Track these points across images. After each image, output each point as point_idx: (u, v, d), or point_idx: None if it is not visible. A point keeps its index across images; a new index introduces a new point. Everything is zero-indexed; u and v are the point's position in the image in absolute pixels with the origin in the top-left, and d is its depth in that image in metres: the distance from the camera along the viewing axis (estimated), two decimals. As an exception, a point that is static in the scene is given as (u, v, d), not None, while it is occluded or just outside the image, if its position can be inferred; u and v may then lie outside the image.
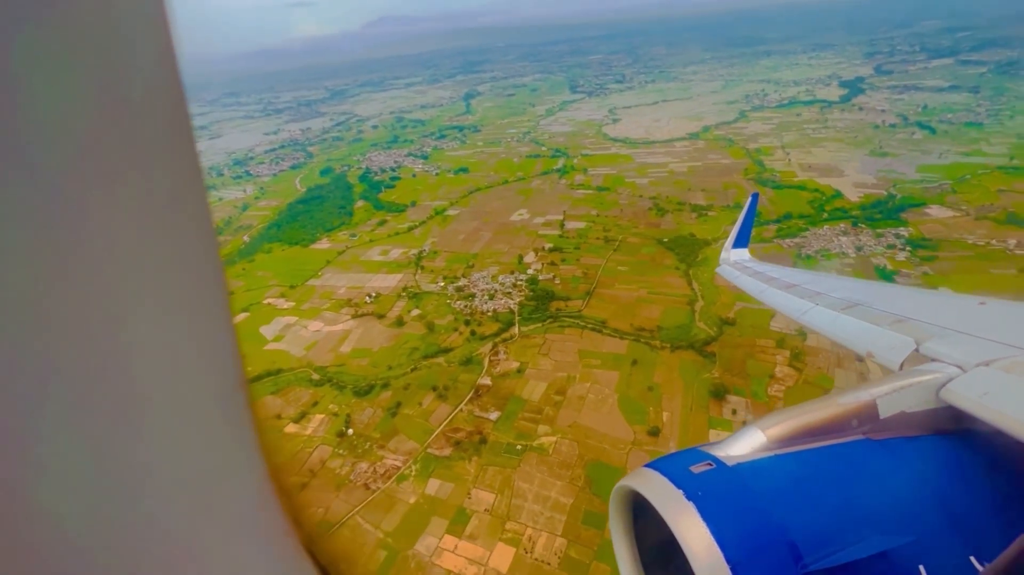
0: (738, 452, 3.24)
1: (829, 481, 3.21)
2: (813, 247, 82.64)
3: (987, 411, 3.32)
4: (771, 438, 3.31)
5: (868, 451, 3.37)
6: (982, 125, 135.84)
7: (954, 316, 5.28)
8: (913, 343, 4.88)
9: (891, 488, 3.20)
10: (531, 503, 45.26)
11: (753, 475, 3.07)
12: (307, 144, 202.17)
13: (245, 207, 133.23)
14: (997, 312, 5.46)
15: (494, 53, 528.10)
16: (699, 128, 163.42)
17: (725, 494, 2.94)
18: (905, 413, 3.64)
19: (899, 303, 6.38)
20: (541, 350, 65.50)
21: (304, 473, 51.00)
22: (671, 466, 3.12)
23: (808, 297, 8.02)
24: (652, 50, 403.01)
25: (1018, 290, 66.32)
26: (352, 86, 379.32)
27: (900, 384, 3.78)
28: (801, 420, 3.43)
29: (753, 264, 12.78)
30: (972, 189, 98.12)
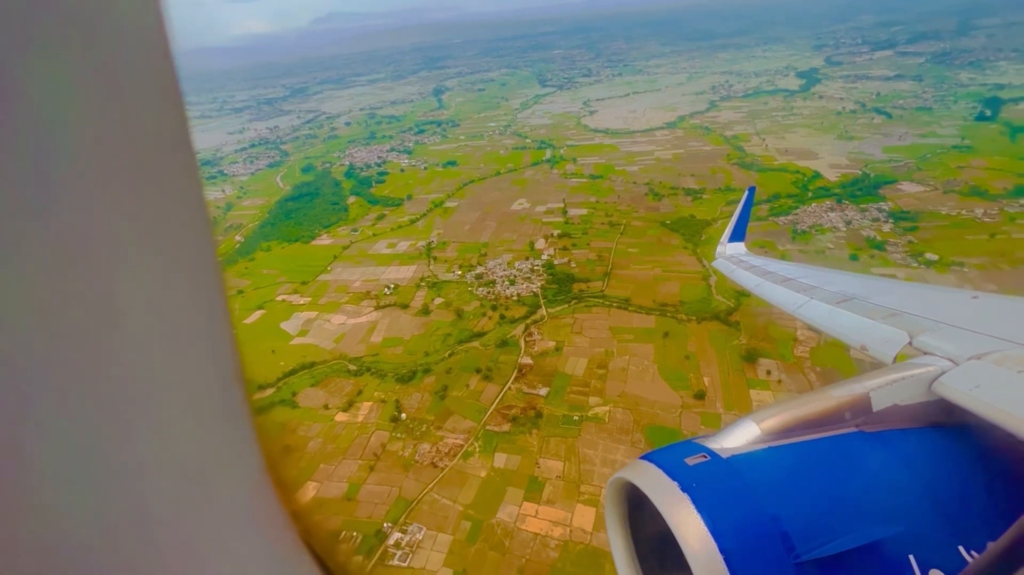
0: (732, 444, 3.29)
1: (822, 473, 3.29)
2: (806, 223, 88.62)
3: (978, 404, 3.38)
4: (765, 431, 3.36)
5: (861, 443, 3.42)
6: (931, 110, 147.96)
7: (947, 310, 5.32)
8: (906, 337, 4.96)
9: (883, 480, 3.28)
10: (600, 467, 47.57)
11: (747, 467, 3.12)
12: (279, 142, 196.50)
13: (229, 207, 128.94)
14: (989, 306, 5.51)
15: (452, 49, 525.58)
16: (675, 118, 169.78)
17: (719, 486, 2.98)
18: (898, 406, 3.69)
19: (893, 297, 6.45)
20: (573, 329, 67.84)
21: (368, 457, 51.37)
22: (666, 458, 3.16)
23: (803, 291, 8.14)
24: (612, 45, 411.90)
25: (991, 254, 73.89)
26: (311, 83, 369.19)
27: (893, 377, 3.84)
28: (795, 413, 3.49)
29: (749, 258, 12.84)
30: (934, 167, 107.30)
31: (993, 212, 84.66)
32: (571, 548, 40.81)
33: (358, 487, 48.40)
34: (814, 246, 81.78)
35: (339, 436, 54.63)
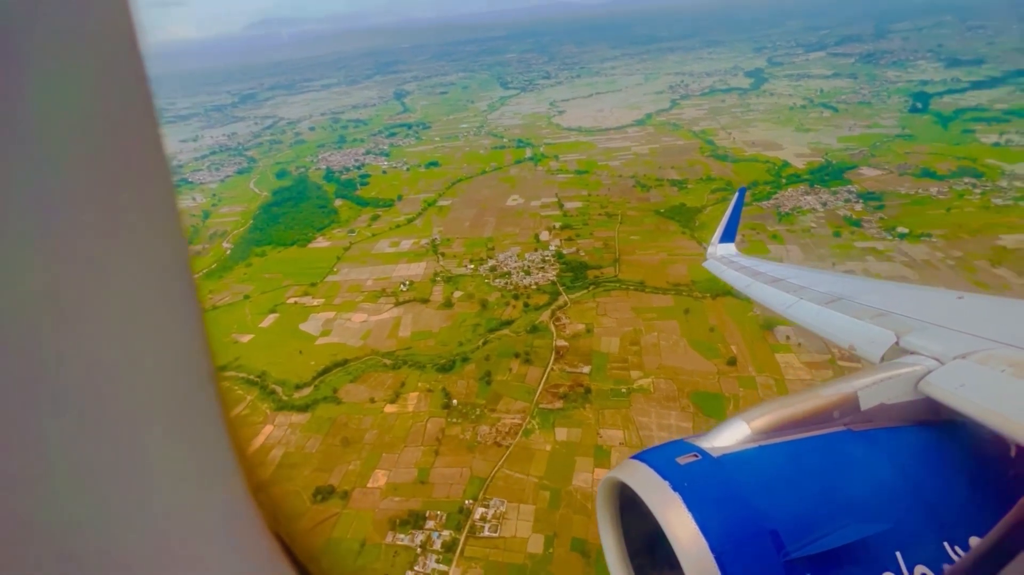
0: (723, 444, 3.33)
1: (811, 471, 3.33)
2: (787, 206, 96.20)
3: (963, 402, 3.45)
4: (755, 430, 3.40)
5: (849, 442, 3.49)
6: (871, 104, 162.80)
7: (933, 310, 5.41)
8: (893, 336, 5.03)
9: (870, 478, 3.34)
10: (657, 431, 50.73)
11: (737, 466, 3.18)
12: (242, 149, 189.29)
13: (206, 214, 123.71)
14: (974, 306, 5.61)
15: (402, 54, 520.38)
16: (642, 115, 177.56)
17: (710, 485, 3.02)
18: (885, 405, 3.74)
19: (880, 297, 6.54)
20: (598, 311, 70.98)
21: (429, 442, 52.18)
22: (657, 458, 3.20)
23: (792, 291, 8.27)
24: (563, 48, 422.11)
25: (950, 226, 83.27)
26: (260, 90, 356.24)
27: (880, 377, 3.90)
28: (784, 412, 3.54)
29: (739, 259, 13.00)
30: (885, 153, 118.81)
31: (944, 190, 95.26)
32: (650, 504, 43.60)
33: (428, 471, 49.19)
34: (799, 225, 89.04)
35: (394, 426, 55.00)
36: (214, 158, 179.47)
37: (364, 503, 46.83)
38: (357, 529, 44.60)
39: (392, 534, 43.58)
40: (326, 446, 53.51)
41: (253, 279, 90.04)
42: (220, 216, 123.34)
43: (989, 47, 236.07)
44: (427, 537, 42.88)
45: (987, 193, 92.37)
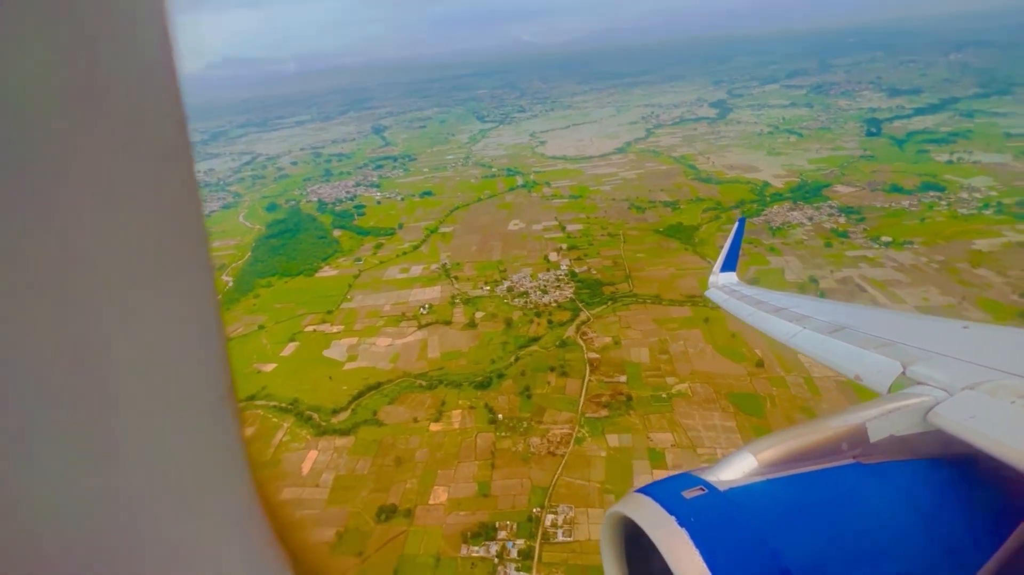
0: (730, 477, 3.26)
1: (821, 506, 3.26)
2: (777, 221, 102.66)
3: (974, 434, 3.39)
4: (762, 462, 3.34)
5: (859, 475, 3.42)
6: (830, 129, 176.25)
7: (938, 339, 5.42)
8: (900, 366, 5.02)
9: (882, 513, 3.26)
10: (705, 431, 52.80)
11: (745, 500, 3.10)
12: (224, 184, 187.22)
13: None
14: (979, 336, 5.57)
15: (372, 91, 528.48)
16: (621, 144, 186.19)
17: (717, 520, 2.95)
18: (894, 437, 3.72)
19: (884, 326, 6.54)
20: (621, 324, 73.48)
21: (483, 457, 52.47)
22: (663, 491, 3.12)
23: (795, 320, 8.28)
24: (531, 84, 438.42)
25: (927, 234, 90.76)
26: (230, 127, 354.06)
27: (888, 407, 3.88)
28: (792, 444, 3.49)
29: (741, 288, 13.02)
30: (854, 172, 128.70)
31: (915, 203, 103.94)
32: (714, 500, 45.23)
33: (488, 484, 49.43)
34: (792, 238, 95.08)
35: (443, 444, 55.08)
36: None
37: (429, 519, 46.54)
38: (428, 545, 44.23)
39: (466, 547, 43.47)
40: (377, 467, 53.00)
41: (264, 310, 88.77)
42: (214, 250, 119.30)
43: (922, 78, 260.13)
44: (502, 547, 43.00)
45: (952, 204, 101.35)
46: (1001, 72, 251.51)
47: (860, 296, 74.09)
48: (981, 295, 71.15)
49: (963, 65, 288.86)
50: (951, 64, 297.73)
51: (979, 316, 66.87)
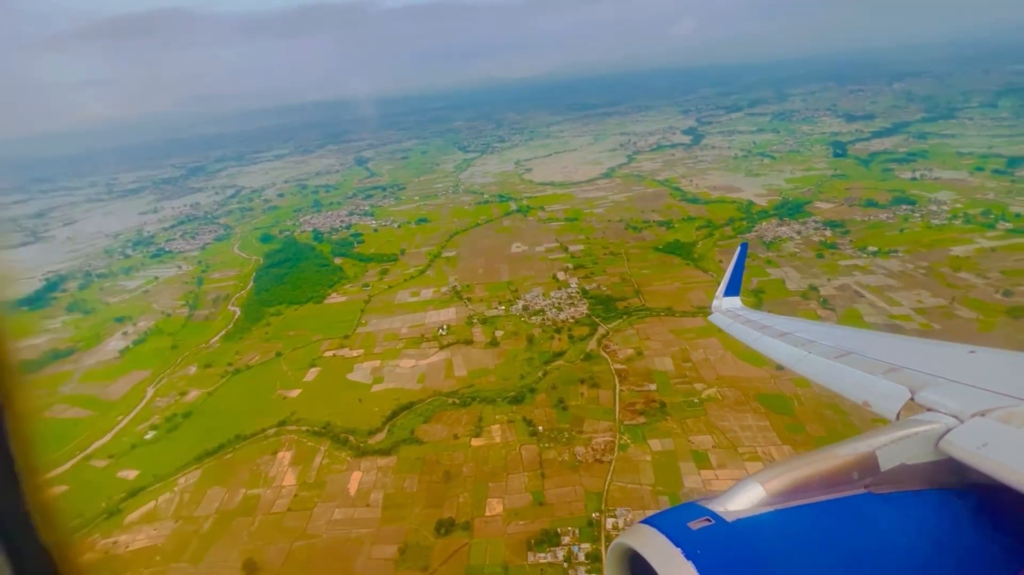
0: (737, 507, 3.19)
1: (832, 538, 3.14)
2: (769, 236, 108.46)
3: (988, 463, 3.31)
4: (770, 492, 3.26)
5: (871, 506, 3.33)
6: (800, 152, 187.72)
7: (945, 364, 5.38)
8: (908, 392, 4.96)
9: (897, 547, 3.16)
10: (741, 432, 55.10)
11: (753, 532, 3.02)
12: (213, 218, 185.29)
13: (200, 281, 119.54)
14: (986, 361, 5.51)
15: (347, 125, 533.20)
16: (605, 169, 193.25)
17: (725, 552, 2.87)
18: (905, 465, 3.63)
19: (890, 351, 6.50)
20: (640, 337, 76.05)
21: (531, 468, 53.25)
22: (669, 523, 3.06)
23: (801, 345, 8.22)
24: (506, 116, 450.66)
25: (908, 243, 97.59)
26: (208, 162, 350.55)
27: (898, 435, 3.80)
28: (801, 473, 3.40)
29: (745, 312, 12.97)
30: (829, 190, 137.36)
31: (891, 216, 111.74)
32: (763, 494, 47.23)
33: (541, 493, 50.18)
34: (786, 251, 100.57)
35: (488, 458, 55.64)
36: (185, 227, 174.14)
37: (489, 531, 46.86)
38: (493, 554, 44.49)
39: (532, 554, 43.92)
40: (426, 483, 53.06)
41: (278, 337, 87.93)
42: (214, 281, 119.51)
43: (873, 105, 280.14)
44: (568, 552, 43.65)
45: (925, 216, 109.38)
46: (941, 99, 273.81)
47: (859, 301, 78.99)
48: (967, 296, 76.89)
49: (907, 93, 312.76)
50: (896, 92, 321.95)
51: (969, 315, 72.28)
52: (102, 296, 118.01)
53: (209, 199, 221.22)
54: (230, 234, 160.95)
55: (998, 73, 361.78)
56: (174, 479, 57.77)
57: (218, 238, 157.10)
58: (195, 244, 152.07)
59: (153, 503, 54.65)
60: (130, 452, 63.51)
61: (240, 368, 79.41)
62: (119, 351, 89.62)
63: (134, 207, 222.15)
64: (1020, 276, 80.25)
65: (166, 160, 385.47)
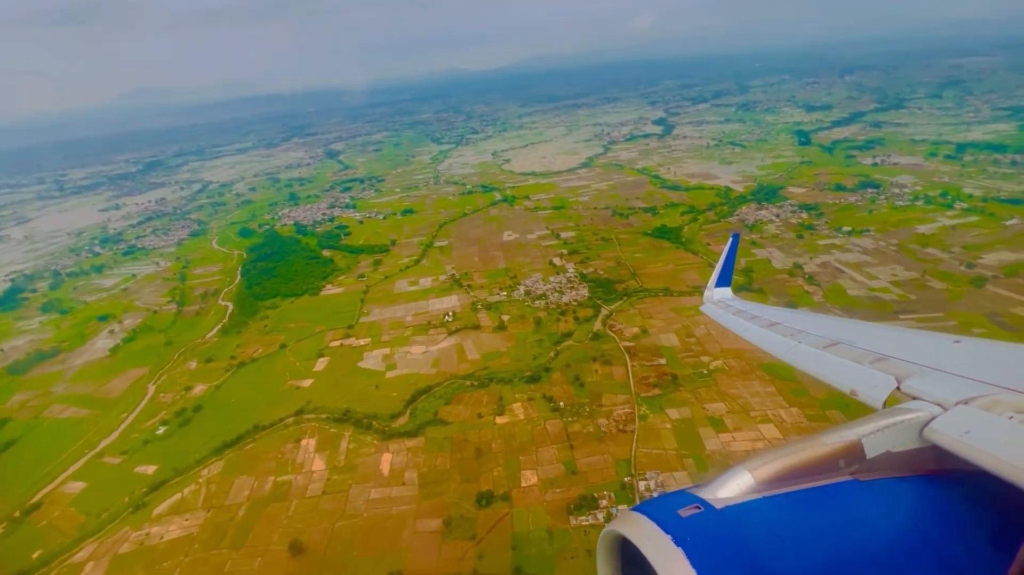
0: (726, 494, 3.27)
1: (819, 525, 3.23)
2: (750, 219, 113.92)
3: (971, 450, 3.40)
4: (759, 479, 3.34)
5: (857, 493, 3.41)
6: (767, 141, 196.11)
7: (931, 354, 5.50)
8: (894, 381, 5.06)
9: (881, 531, 3.24)
10: (751, 398, 58.86)
11: (742, 518, 3.10)
12: (183, 213, 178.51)
13: (183, 277, 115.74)
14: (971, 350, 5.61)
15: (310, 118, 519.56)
16: (584, 159, 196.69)
17: (714, 539, 2.93)
18: (890, 453, 3.73)
19: (878, 341, 6.62)
20: (642, 316, 79.23)
21: (558, 441, 55.41)
22: (659, 510, 3.12)
23: (791, 335, 8.38)
24: (475, 108, 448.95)
25: (877, 223, 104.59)
26: (165, 157, 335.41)
27: (884, 423, 3.89)
28: (788, 461, 3.49)
29: (736, 303, 13.02)
30: (799, 175, 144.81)
31: (859, 199, 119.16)
32: (778, 452, 51.00)
33: (573, 463, 52.41)
34: (767, 233, 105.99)
35: (515, 434, 57.46)
36: (153, 223, 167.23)
37: (528, 500, 48.78)
38: (535, 521, 46.46)
39: (572, 518, 46.15)
40: (458, 460, 54.45)
41: (279, 330, 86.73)
42: (198, 277, 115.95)
43: (829, 96, 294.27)
44: (607, 514, 46.11)
45: (890, 198, 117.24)
46: (891, 90, 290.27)
47: (841, 276, 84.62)
48: (935, 268, 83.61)
49: (858, 85, 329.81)
50: (848, 84, 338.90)
51: (939, 286, 78.73)
52: (77, 295, 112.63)
53: (174, 194, 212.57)
54: (205, 229, 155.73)
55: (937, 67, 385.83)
56: (196, 471, 56.99)
57: (193, 233, 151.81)
58: (169, 240, 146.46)
59: (179, 495, 53.88)
60: (143, 448, 62.01)
61: (245, 361, 78.12)
62: (109, 350, 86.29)
63: (92, 204, 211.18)
64: (979, 250, 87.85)
65: (117, 155, 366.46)
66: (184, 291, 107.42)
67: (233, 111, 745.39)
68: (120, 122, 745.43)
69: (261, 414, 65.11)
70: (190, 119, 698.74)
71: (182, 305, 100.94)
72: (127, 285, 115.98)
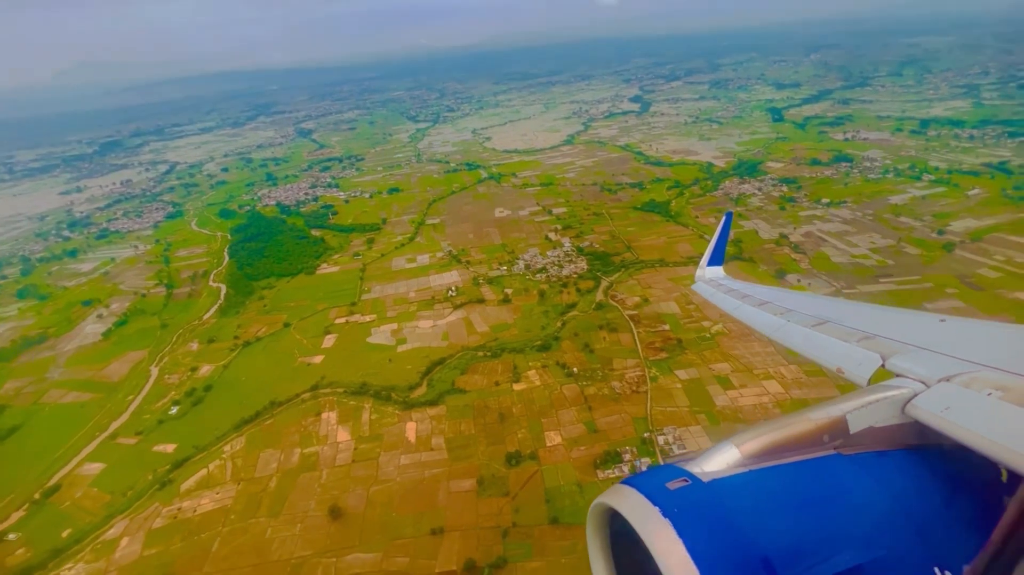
0: (713, 468, 3.33)
1: (802, 497, 3.32)
2: (734, 193, 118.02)
3: (949, 425, 3.49)
4: (745, 454, 3.41)
5: (839, 466, 3.51)
6: (742, 118, 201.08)
7: (916, 332, 5.59)
8: (879, 359, 5.15)
9: (862, 503, 3.34)
10: (752, 357, 62.59)
11: (728, 491, 3.17)
12: (154, 194, 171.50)
13: (167, 260, 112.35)
14: (955, 329, 5.69)
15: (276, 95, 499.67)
16: (565, 136, 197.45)
17: (700, 511, 3.01)
18: (873, 428, 3.80)
19: (865, 320, 6.69)
20: (641, 286, 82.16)
21: (576, 404, 57.95)
22: (647, 483, 3.18)
23: (780, 314, 8.43)
24: (447, 85, 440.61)
25: (853, 194, 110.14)
26: (122, 137, 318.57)
27: (868, 400, 3.97)
28: (774, 436, 3.56)
29: (728, 282, 13.13)
30: (776, 151, 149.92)
31: (834, 172, 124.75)
32: (783, 405, 54.92)
33: (593, 423, 55.06)
34: (752, 206, 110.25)
35: (534, 398, 59.67)
36: (123, 206, 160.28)
37: (555, 458, 51.24)
38: (564, 476, 49.03)
39: (599, 472, 48.90)
40: (481, 425, 56.37)
41: (279, 309, 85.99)
42: (182, 259, 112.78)
43: (796, 74, 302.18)
44: (632, 466, 49.04)
45: (862, 171, 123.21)
46: (854, 68, 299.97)
47: (824, 245, 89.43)
48: (909, 236, 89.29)
49: (823, 63, 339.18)
50: (814, 63, 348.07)
51: (914, 251, 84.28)
52: (54, 280, 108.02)
53: (140, 176, 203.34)
54: (182, 211, 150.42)
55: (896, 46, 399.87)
56: (218, 448, 57.14)
57: (169, 216, 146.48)
58: (144, 223, 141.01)
59: (204, 471, 54.08)
60: (159, 428, 61.47)
61: (249, 341, 77.45)
62: (101, 334, 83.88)
63: (49, 187, 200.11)
64: (947, 218, 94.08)
65: (68, 135, 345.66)
66: (171, 273, 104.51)
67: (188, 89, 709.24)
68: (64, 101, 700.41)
69: (275, 391, 65.26)
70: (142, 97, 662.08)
71: (172, 287, 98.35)
72: (106, 269, 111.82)
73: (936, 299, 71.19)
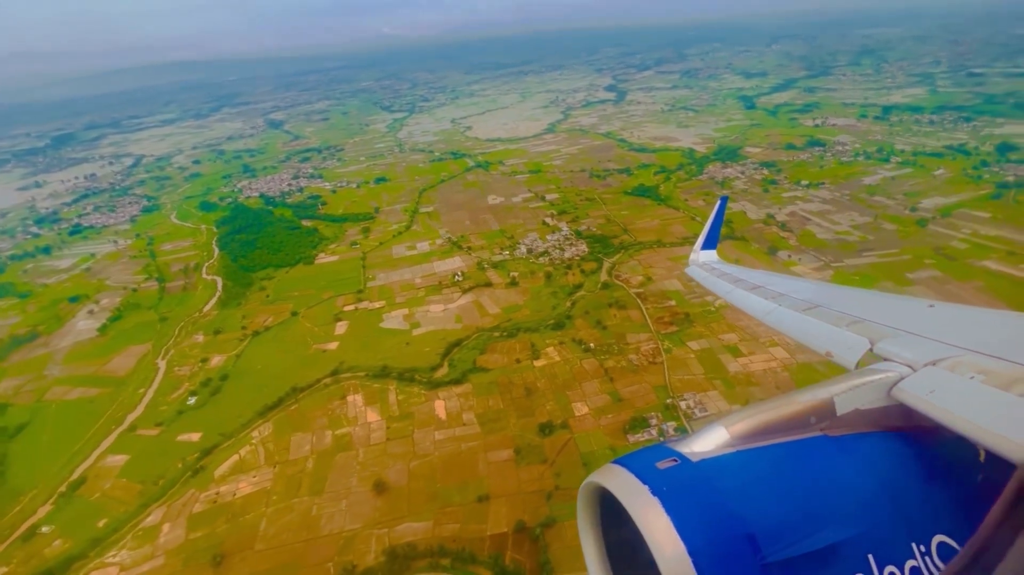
0: (702, 448, 3.40)
1: (788, 476, 3.39)
2: (719, 177, 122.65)
3: (933, 408, 3.57)
4: (734, 435, 3.48)
5: (825, 447, 3.59)
6: (716, 105, 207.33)
7: (905, 317, 5.64)
8: (867, 343, 5.21)
9: (845, 483, 3.43)
10: (756, 327, 66.35)
11: (716, 471, 3.25)
12: (124, 188, 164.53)
13: (153, 255, 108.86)
14: (944, 314, 5.75)
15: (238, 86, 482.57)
16: (546, 125, 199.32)
17: (689, 489, 3.08)
18: (859, 410, 3.87)
19: (856, 305, 6.77)
20: (644, 266, 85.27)
21: (597, 375, 60.43)
22: (638, 462, 3.25)
23: (772, 298, 8.59)
24: (418, 75, 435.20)
25: (830, 176, 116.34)
26: (76, 130, 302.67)
27: (855, 383, 4.04)
28: (762, 417, 3.63)
29: (721, 266, 13.25)
30: (752, 136, 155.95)
31: (809, 156, 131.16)
32: (791, 370, 58.85)
33: (616, 393, 57.65)
34: (736, 188, 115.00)
35: (556, 373, 61.83)
36: (92, 201, 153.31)
37: (585, 426, 53.59)
38: (596, 442, 51.44)
39: (630, 436, 51.54)
40: (509, 400, 58.16)
41: (283, 299, 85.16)
42: (168, 253, 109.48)
43: (762, 64, 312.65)
44: (659, 430, 51.88)
45: (835, 155, 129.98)
46: (816, 58, 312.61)
47: (809, 223, 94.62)
48: (885, 213, 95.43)
49: (786, 53, 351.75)
50: (777, 53, 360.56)
51: (891, 227, 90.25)
52: (31, 278, 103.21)
53: (104, 169, 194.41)
54: (157, 204, 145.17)
55: (852, 37, 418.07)
56: (246, 434, 57.00)
57: (145, 209, 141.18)
58: (119, 217, 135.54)
59: (236, 456, 54.00)
60: (179, 418, 60.63)
61: (258, 330, 76.66)
62: (96, 329, 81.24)
63: (4, 182, 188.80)
64: (918, 196, 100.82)
65: (14, 129, 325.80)
66: (160, 267, 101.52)
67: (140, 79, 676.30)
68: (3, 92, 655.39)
69: (294, 377, 65.22)
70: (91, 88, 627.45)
71: (164, 281, 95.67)
72: (87, 265, 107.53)
73: (916, 269, 76.91)
